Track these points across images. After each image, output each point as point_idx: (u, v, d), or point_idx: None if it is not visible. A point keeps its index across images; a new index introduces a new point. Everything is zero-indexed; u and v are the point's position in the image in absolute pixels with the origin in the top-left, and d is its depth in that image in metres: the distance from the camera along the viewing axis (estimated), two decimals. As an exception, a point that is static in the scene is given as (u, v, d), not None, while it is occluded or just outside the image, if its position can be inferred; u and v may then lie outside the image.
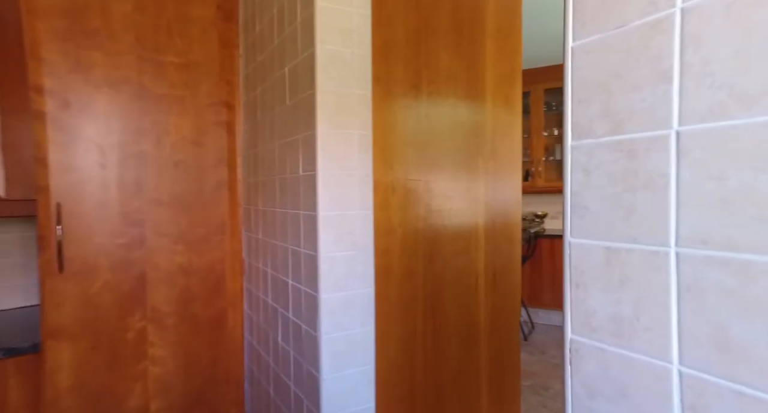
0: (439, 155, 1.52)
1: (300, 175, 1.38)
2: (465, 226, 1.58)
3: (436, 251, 1.53)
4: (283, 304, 1.56)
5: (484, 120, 1.62)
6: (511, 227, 1.72)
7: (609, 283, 0.52)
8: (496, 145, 1.66)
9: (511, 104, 1.70)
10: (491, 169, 1.65)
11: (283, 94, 1.51)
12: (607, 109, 0.52)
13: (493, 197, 1.66)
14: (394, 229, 1.43)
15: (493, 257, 1.67)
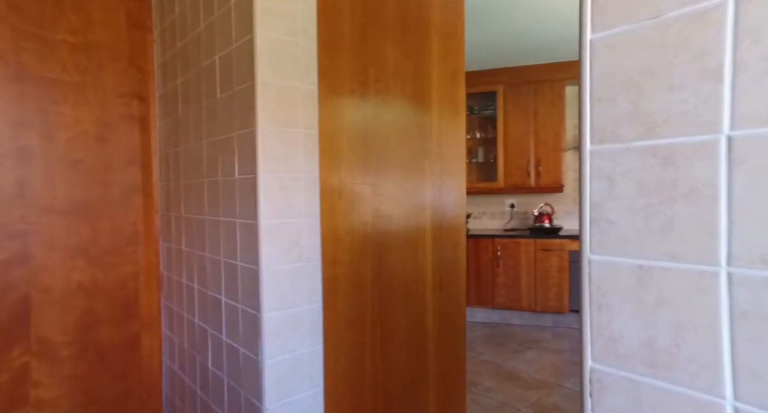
0: (387, 157, 1.43)
1: (236, 178, 1.21)
2: (413, 231, 1.51)
3: (384, 259, 1.43)
4: (215, 324, 1.37)
5: (430, 121, 1.56)
6: (456, 230, 1.68)
7: (641, 306, 0.46)
8: (442, 146, 1.61)
9: (456, 105, 1.66)
10: (438, 171, 1.59)
11: (212, 86, 1.32)
12: (637, 110, 0.46)
13: (440, 200, 1.61)
14: (341, 237, 1.31)
15: (439, 263, 1.62)
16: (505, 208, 4.68)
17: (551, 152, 4.22)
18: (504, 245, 4.17)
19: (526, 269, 4.12)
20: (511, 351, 3.65)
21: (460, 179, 1.69)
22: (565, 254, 3.99)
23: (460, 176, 1.69)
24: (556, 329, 4.06)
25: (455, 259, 1.68)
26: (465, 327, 1.75)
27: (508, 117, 4.33)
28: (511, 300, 4.18)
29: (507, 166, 4.35)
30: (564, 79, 4.16)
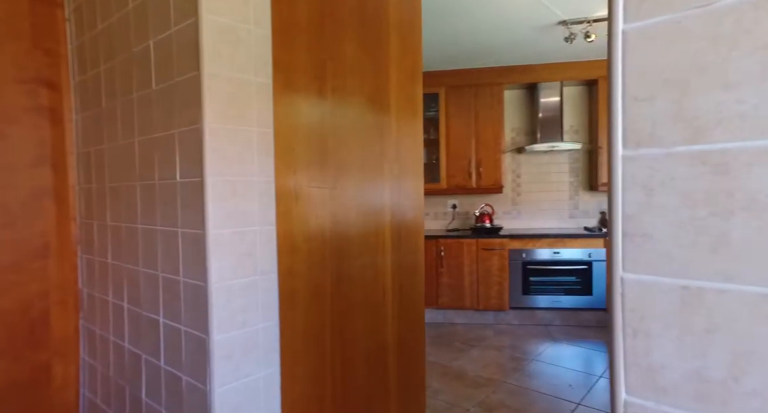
0: (345, 158, 1.33)
1: (177, 182, 1.04)
2: (372, 235, 1.42)
3: (343, 266, 1.33)
4: (150, 349, 1.19)
5: (389, 121, 1.48)
6: (415, 234, 1.61)
7: (687, 332, 0.41)
8: (401, 147, 1.54)
9: (414, 105, 1.60)
10: (396, 173, 1.52)
11: (146, 75, 1.13)
12: (682, 111, 0.41)
13: (399, 202, 1.53)
14: (298, 245, 1.19)
15: (399, 267, 1.54)
16: (447, 208, 4.73)
17: (491, 154, 4.32)
18: (447, 246, 4.20)
19: (469, 269, 4.18)
20: (456, 350, 3.68)
21: (418, 180, 1.63)
22: (506, 253, 4.10)
23: (418, 178, 1.63)
24: (497, 326, 4.17)
25: (414, 263, 1.62)
26: (424, 333, 1.69)
27: (450, 119, 4.38)
28: (454, 300, 4.22)
29: (449, 167, 4.40)
30: (503, 84, 4.28)
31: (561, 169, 4.49)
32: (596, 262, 3.94)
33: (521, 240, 4.08)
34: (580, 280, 3.99)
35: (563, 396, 2.90)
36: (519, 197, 4.60)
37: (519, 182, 4.59)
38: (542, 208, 4.55)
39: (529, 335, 3.91)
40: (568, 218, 4.50)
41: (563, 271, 4.01)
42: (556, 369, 3.26)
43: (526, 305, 4.10)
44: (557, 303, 4.03)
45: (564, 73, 4.14)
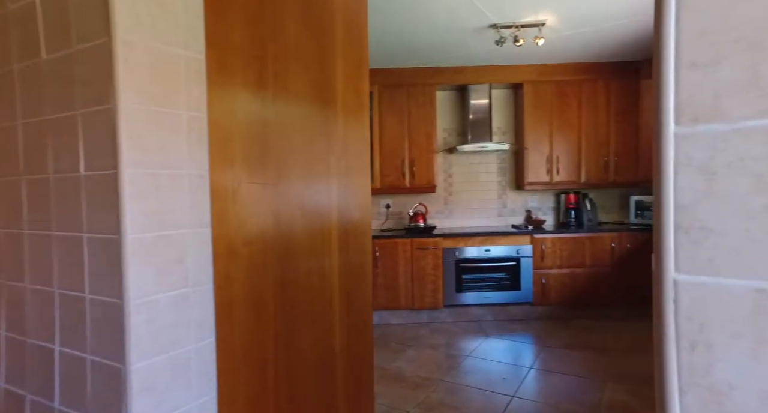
0: (289, 152, 1.18)
1: (81, 175, 0.83)
2: (318, 236, 1.28)
3: (287, 272, 1.18)
4: (38, 386, 0.94)
5: (335, 112, 1.35)
6: (363, 234, 1.50)
7: (763, 344, 0.34)
8: (348, 142, 1.41)
9: (361, 98, 1.48)
10: (344, 169, 1.39)
11: (31, 40, 0.90)
12: (758, 78, 0.34)
13: (346, 202, 1.41)
14: (237, 249, 1.02)
15: (346, 272, 1.41)
16: (381, 208, 4.67)
17: (424, 154, 4.33)
18: (382, 246, 4.13)
19: (404, 269, 4.15)
20: (393, 351, 3.62)
21: (365, 178, 1.52)
22: (439, 252, 4.12)
23: (365, 176, 1.52)
24: (431, 324, 4.18)
25: (362, 266, 1.50)
26: (373, 340, 1.58)
27: (384, 118, 4.32)
28: (390, 300, 4.16)
29: (383, 166, 4.33)
30: (435, 84, 4.31)
31: (490, 169, 4.63)
32: (523, 258, 4.10)
33: (454, 239, 4.13)
34: (508, 276, 4.13)
35: (499, 390, 2.95)
36: (451, 197, 4.66)
37: (451, 182, 4.65)
38: (473, 207, 4.65)
39: (463, 331, 3.97)
40: (497, 216, 4.65)
41: (493, 268, 4.12)
42: (490, 363, 3.32)
43: (460, 302, 4.15)
44: (488, 299, 4.14)
45: (492, 76, 4.26)
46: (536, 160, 4.28)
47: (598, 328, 3.88)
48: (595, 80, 4.21)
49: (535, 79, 4.23)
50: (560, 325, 3.99)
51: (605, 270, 4.06)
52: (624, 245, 4.04)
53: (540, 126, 4.26)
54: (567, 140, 4.26)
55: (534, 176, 4.29)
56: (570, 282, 4.08)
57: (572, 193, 4.39)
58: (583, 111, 4.24)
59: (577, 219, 4.37)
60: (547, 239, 4.08)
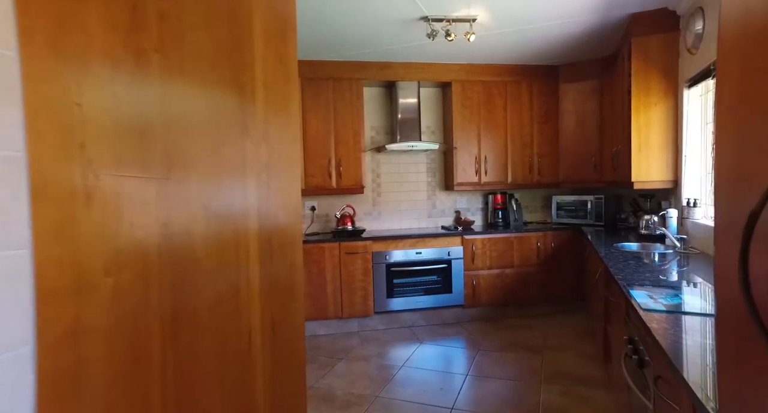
0: (184, 137, 0.80)
1: None
2: (230, 251, 0.91)
3: (184, 306, 0.80)
4: None
5: (252, 87, 0.99)
6: (291, 244, 1.15)
7: None
8: (271, 124, 1.06)
9: (286, 67, 1.13)
10: (264, 160, 1.04)
11: None
12: None
13: (269, 202, 1.05)
14: (94, 281, 0.63)
15: (271, 294, 1.06)
16: (306, 211, 4.28)
17: (351, 153, 4.03)
18: (308, 252, 3.76)
19: (332, 275, 3.81)
20: (321, 366, 3.26)
21: (295, 171, 1.17)
22: (369, 257, 3.85)
23: (295, 169, 1.17)
24: (362, 333, 3.88)
25: (291, 285, 1.15)
26: (305, 381, 1.23)
27: (307, 114, 3.95)
28: (317, 310, 3.80)
29: (308, 166, 3.96)
30: (362, 79, 4.03)
31: (419, 169, 4.45)
32: (455, 260, 3.96)
33: (384, 242, 3.88)
34: (440, 279, 3.97)
35: (437, 402, 2.74)
36: (380, 198, 4.41)
37: (379, 182, 4.40)
38: (402, 208, 4.44)
39: (395, 339, 3.73)
40: (427, 217, 4.49)
41: (425, 271, 3.94)
42: (426, 373, 3.11)
43: (391, 308, 3.91)
44: (420, 304, 3.94)
45: (421, 73, 4.09)
46: (465, 160, 4.18)
47: (529, 327, 3.86)
48: (520, 82, 4.22)
49: (464, 78, 4.13)
50: (492, 326, 3.92)
51: (532, 269, 4.07)
52: (548, 244, 4.08)
53: (468, 125, 4.17)
54: (494, 140, 4.22)
55: (463, 177, 4.19)
56: (500, 283, 4.03)
57: (499, 193, 4.37)
58: (508, 112, 4.23)
59: (504, 219, 4.35)
60: (477, 240, 3.99)
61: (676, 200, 3.13)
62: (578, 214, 4.22)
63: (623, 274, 2.15)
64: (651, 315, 1.51)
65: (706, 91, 2.88)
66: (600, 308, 2.90)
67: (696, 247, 2.70)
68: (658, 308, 1.56)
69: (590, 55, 3.97)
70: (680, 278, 2.15)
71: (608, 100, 3.94)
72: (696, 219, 2.85)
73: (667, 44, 3.06)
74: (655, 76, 3.09)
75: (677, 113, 3.09)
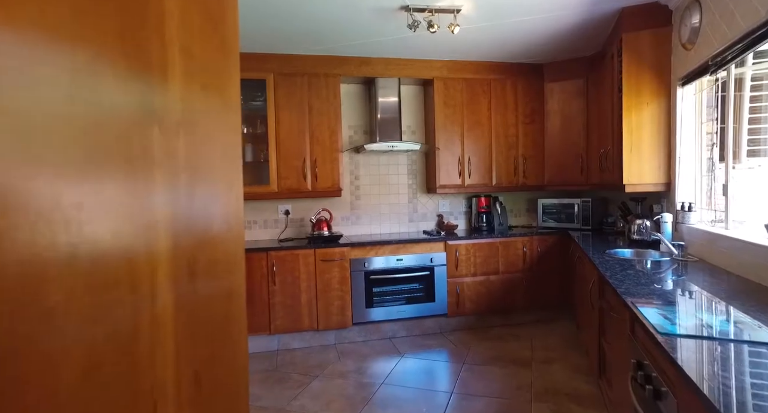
0: (46, 131, 0.50)
1: None
2: (122, 288, 0.61)
3: (38, 376, 0.50)
4: None
5: (161, 52, 0.69)
6: (230, 265, 0.85)
7: None
8: (197, 109, 0.76)
9: (223, 35, 0.83)
10: (185, 158, 0.73)
11: None
12: None
13: (191, 212, 0.75)
14: None
15: (193, 340, 0.75)
16: (279, 215, 3.95)
17: (328, 153, 3.73)
18: (280, 259, 3.44)
19: (306, 284, 3.50)
20: (294, 385, 2.95)
21: (236, 174, 0.87)
22: (347, 264, 3.55)
23: (235, 171, 0.87)
24: (340, 346, 3.58)
25: (227, 317, 0.85)
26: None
27: (281, 111, 3.63)
28: (290, 322, 3.48)
29: (281, 167, 3.64)
30: (339, 75, 3.73)
31: (400, 171, 4.18)
32: (437, 267, 3.70)
33: (363, 248, 3.59)
34: (422, 286, 3.70)
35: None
36: (358, 201, 4.12)
37: (358, 185, 4.11)
38: (382, 212, 4.16)
39: (375, 352, 3.43)
40: (408, 222, 4.21)
41: (406, 279, 3.66)
42: (408, 391, 2.82)
43: (370, 319, 3.62)
44: (401, 314, 3.66)
45: (402, 69, 3.82)
46: (448, 161, 3.93)
47: (515, 337, 3.62)
48: (504, 80, 4.00)
49: (446, 75, 3.88)
50: (476, 336, 3.66)
51: (518, 276, 3.83)
52: (535, 249, 3.86)
53: (451, 125, 3.92)
54: (478, 140, 3.98)
55: (446, 179, 3.93)
56: (485, 290, 3.78)
57: (483, 196, 4.13)
58: (493, 111, 4.00)
59: (489, 224, 4.11)
60: (461, 245, 3.73)
61: (670, 203, 2.93)
62: (565, 218, 4.01)
63: (624, 286, 1.92)
64: (671, 341, 1.26)
65: (700, 89, 2.69)
66: (592, 319, 2.67)
67: (693, 254, 2.49)
68: (679, 332, 1.32)
69: (576, 53, 3.77)
70: (686, 289, 1.92)
71: (595, 100, 3.74)
72: (691, 224, 2.65)
73: (659, 40, 2.87)
74: (647, 74, 2.90)
75: (670, 112, 2.89)
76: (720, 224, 2.44)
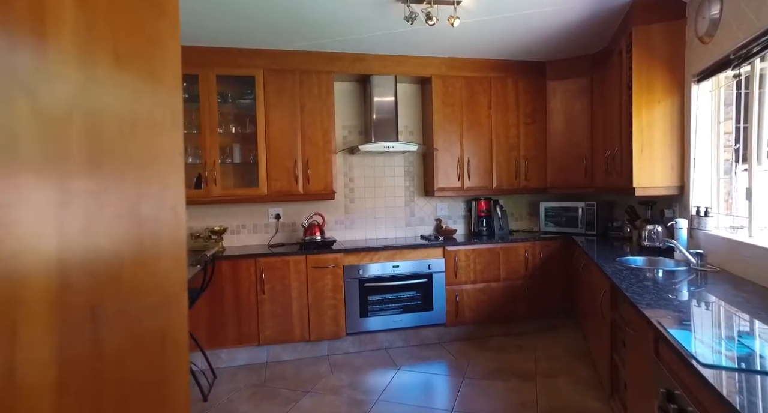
0: None
1: None
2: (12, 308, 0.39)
3: None
4: None
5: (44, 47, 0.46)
6: (165, 296, 0.62)
7: None
8: (105, 87, 0.53)
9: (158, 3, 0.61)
10: (86, 152, 0.51)
11: None
12: None
13: (96, 233, 0.52)
14: None
15: (99, 386, 0.53)
16: (269, 219, 3.72)
17: (321, 154, 3.50)
18: (270, 265, 3.21)
19: (298, 292, 3.27)
20: (283, 401, 2.71)
21: (176, 178, 0.65)
22: (340, 271, 3.32)
23: (175, 173, 0.64)
24: (333, 357, 3.34)
25: (158, 378, 0.62)
26: None
27: (271, 110, 3.40)
28: (280, 332, 3.24)
29: (271, 168, 3.41)
30: (332, 72, 3.51)
31: (396, 173, 3.96)
32: (436, 274, 3.47)
33: (357, 254, 3.36)
34: (420, 294, 3.48)
35: (417, 448, 2.24)
36: (353, 205, 3.89)
37: (352, 187, 3.88)
38: (377, 216, 3.93)
39: (370, 364, 3.20)
40: (405, 226, 3.99)
41: (403, 286, 3.44)
42: (404, 408, 2.59)
43: (365, 329, 3.38)
44: (398, 323, 3.43)
45: (398, 66, 3.60)
46: (447, 163, 3.71)
47: (517, 347, 3.40)
48: (505, 78, 3.78)
49: (445, 73, 3.66)
50: (476, 347, 3.44)
51: (519, 283, 3.61)
52: (537, 254, 3.64)
53: (450, 125, 3.70)
54: (478, 141, 3.77)
55: (444, 181, 3.71)
56: (485, 298, 3.56)
57: (483, 200, 3.91)
58: (493, 111, 3.78)
59: (489, 228, 3.90)
60: (461, 251, 3.51)
61: (683, 208, 2.72)
62: (568, 222, 3.80)
63: (645, 301, 1.70)
64: (719, 375, 1.05)
65: (717, 86, 2.48)
66: (602, 331, 2.46)
67: (714, 263, 2.28)
68: (728, 365, 1.10)
69: (579, 50, 3.56)
70: (715, 305, 1.70)
71: (600, 100, 3.54)
72: (708, 230, 2.44)
73: (672, 34, 2.66)
74: (659, 70, 2.69)
75: (683, 111, 2.69)
76: (742, 230, 2.23)
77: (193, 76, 3.28)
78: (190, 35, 3.07)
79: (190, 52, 3.24)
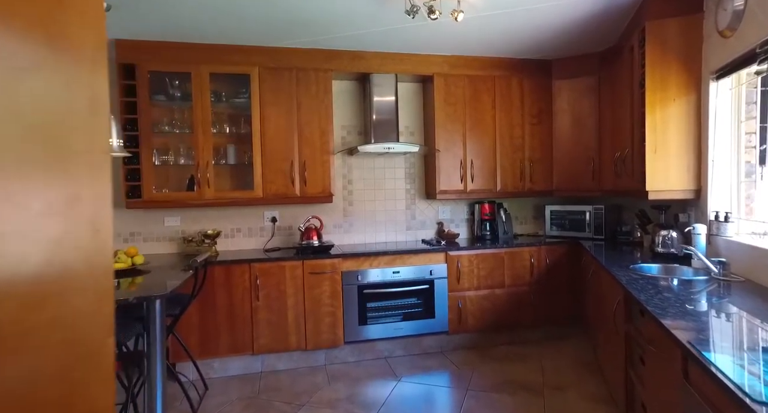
0: None
1: None
2: None
3: None
4: None
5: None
6: (71, 327, 0.46)
7: None
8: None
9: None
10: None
11: None
12: None
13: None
14: None
15: None
16: (264, 223, 3.55)
17: (318, 155, 3.33)
18: (265, 271, 3.04)
19: (294, 299, 3.10)
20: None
21: (100, 177, 0.48)
22: (338, 277, 3.15)
23: (98, 170, 0.48)
24: (330, 367, 3.17)
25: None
26: None
27: (267, 109, 3.24)
28: (276, 341, 3.07)
29: (266, 170, 3.24)
30: (330, 71, 3.34)
31: (397, 174, 3.79)
32: (438, 280, 3.30)
33: (356, 260, 3.19)
34: (421, 301, 3.30)
35: (419, 470, 2.07)
36: (351, 208, 3.72)
37: (351, 190, 3.71)
38: (377, 219, 3.76)
39: (369, 375, 3.03)
40: (405, 230, 3.82)
41: (404, 293, 3.27)
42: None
43: (364, 337, 3.21)
44: (398, 331, 3.26)
45: (399, 65, 3.43)
46: (449, 164, 3.54)
47: (522, 357, 3.22)
48: (509, 77, 3.62)
49: (447, 71, 3.50)
50: (480, 356, 3.26)
51: (525, 289, 3.44)
52: (543, 260, 3.47)
53: (452, 125, 3.53)
54: (481, 142, 3.60)
55: (447, 183, 3.54)
56: (489, 305, 3.39)
57: (487, 203, 3.74)
58: (497, 110, 3.62)
59: (492, 232, 3.72)
60: (464, 256, 3.34)
61: (700, 212, 2.55)
62: (575, 226, 3.62)
63: (669, 315, 1.53)
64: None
65: (738, 84, 2.31)
66: (616, 346, 2.28)
67: (737, 273, 2.10)
68: (785, 403, 0.93)
69: (587, 48, 3.39)
70: (750, 323, 1.52)
71: (608, 99, 3.37)
72: (728, 236, 2.27)
73: (689, 28, 2.49)
74: (674, 67, 2.52)
75: (700, 109, 2.52)
76: (765, 237, 2.05)
77: (185, 74, 3.12)
78: (181, 31, 2.91)
79: (181, 48, 3.08)
